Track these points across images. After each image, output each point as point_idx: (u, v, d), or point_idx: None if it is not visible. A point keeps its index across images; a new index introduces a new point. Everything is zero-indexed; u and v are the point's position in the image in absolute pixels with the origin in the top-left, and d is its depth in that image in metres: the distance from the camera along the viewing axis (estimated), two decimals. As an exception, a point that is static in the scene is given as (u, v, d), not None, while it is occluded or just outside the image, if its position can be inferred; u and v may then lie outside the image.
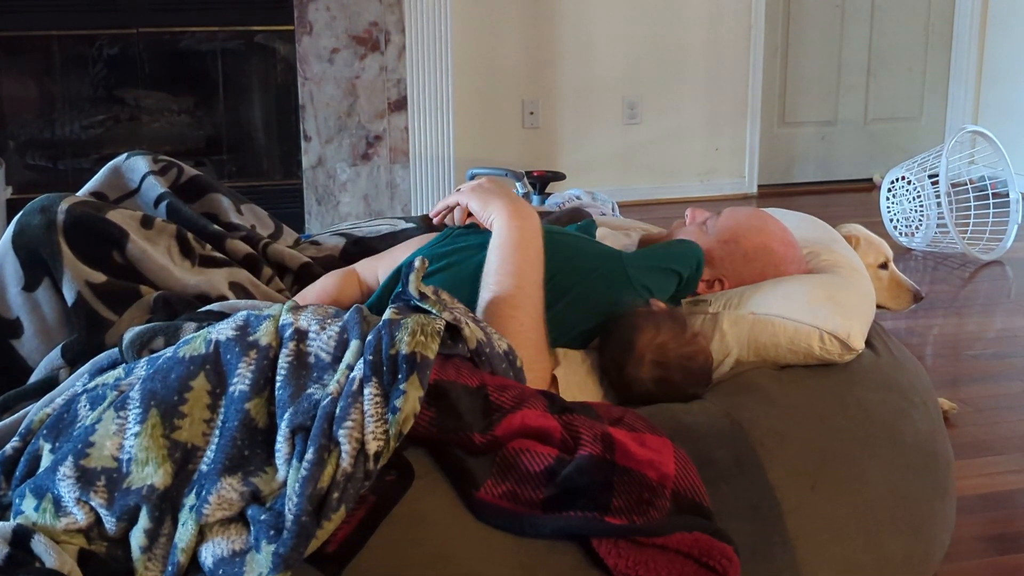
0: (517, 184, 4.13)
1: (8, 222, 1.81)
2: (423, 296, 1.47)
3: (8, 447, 1.42)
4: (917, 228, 4.54)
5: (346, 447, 1.25)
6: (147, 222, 1.87)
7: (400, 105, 4.65)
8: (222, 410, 1.33)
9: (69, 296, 1.70)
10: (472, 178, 4.26)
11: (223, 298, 1.82)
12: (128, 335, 1.56)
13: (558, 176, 4.39)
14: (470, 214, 1.86)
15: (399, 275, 1.65)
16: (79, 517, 1.28)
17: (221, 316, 1.65)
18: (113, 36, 4.39)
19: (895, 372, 1.86)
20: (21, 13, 4.21)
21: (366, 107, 4.55)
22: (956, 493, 1.93)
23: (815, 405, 1.70)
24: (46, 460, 1.36)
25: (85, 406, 1.41)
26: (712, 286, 1.95)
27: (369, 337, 1.35)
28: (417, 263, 1.53)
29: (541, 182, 4.29)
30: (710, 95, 5.48)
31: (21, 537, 1.26)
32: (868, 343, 1.90)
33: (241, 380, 1.34)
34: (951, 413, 2.75)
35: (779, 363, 1.81)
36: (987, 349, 3.36)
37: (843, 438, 1.66)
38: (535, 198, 4.15)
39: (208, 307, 1.71)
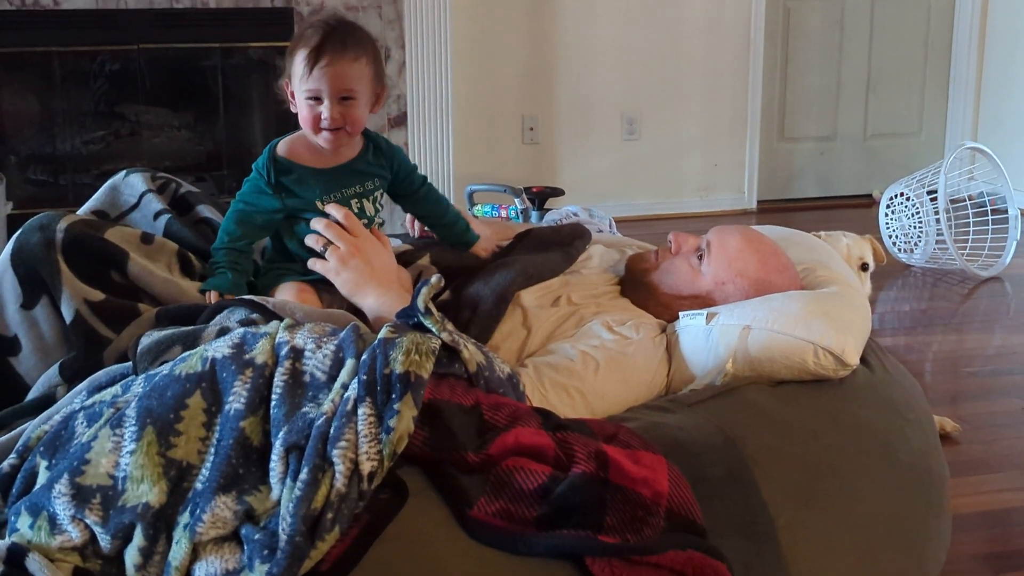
0: (516, 200, 4.14)
1: (9, 236, 1.81)
2: (428, 312, 1.47)
3: (5, 464, 1.42)
4: (916, 244, 4.55)
5: (340, 467, 1.26)
6: (147, 239, 1.88)
7: (400, 121, 4.66)
8: (217, 428, 1.34)
9: (67, 314, 1.71)
10: (471, 195, 4.27)
11: None
12: (144, 342, 1.55)
13: (557, 192, 4.40)
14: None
15: None
16: (74, 535, 1.29)
17: (260, 307, 1.65)
18: (114, 52, 4.41)
19: (890, 389, 1.87)
20: (23, 29, 4.23)
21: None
22: (951, 510, 1.93)
23: (809, 421, 1.70)
24: (42, 477, 1.36)
25: (82, 423, 1.41)
26: (709, 319, 1.95)
27: (364, 356, 1.36)
28: (434, 279, 1.54)
29: (540, 198, 4.30)
30: (709, 111, 5.50)
31: (15, 555, 1.26)
32: (863, 360, 1.91)
33: (236, 398, 1.34)
34: (954, 434, 2.74)
35: (774, 377, 1.81)
36: (986, 366, 3.37)
37: (837, 454, 1.67)
38: (534, 214, 4.16)
39: (251, 296, 1.71)
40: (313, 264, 1.91)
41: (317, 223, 1.90)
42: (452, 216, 2.12)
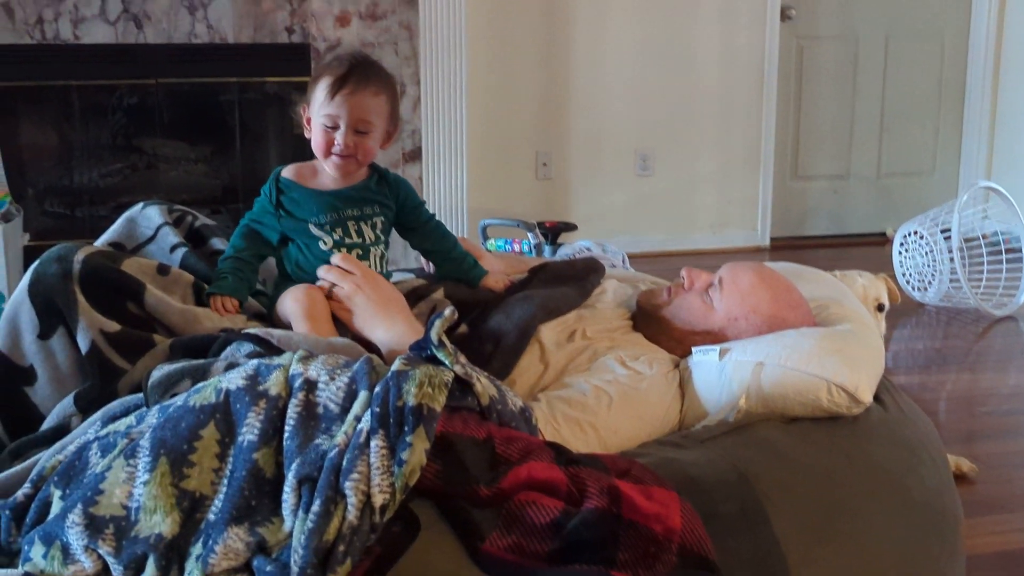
0: (529, 234, 4.15)
1: (25, 268, 1.83)
2: (441, 344, 1.47)
3: (19, 494, 1.43)
4: (930, 283, 4.54)
5: (352, 500, 1.26)
6: (163, 270, 1.90)
7: (415, 155, 4.69)
8: (231, 459, 1.34)
9: (83, 344, 1.72)
10: (485, 230, 4.28)
11: None
12: (155, 375, 1.56)
13: (570, 227, 4.41)
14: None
15: None
16: (87, 565, 1.29)
17: (264, 342, 1.66)
18: (132, 86, 4.45)
19: (903, 428, 1.86)
20: (43, 63, 4.27)
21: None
22: (967, 551, 1.92)
23: (822, 459, 1.70)
24: (56, 507, 1.37)
25: (96, 453, 1.41)
26: (722, 355, 1.95)
27: (377, 388, 1.36)
28: (447, 312, 1.55)
29: (553, 233, 4.31)
30: (722, 148, 5.52)
31: (29, 584, 1.27)
32: (877, 398, 1.90)
33: (250, 430, 1.34)
34: (970, 474, 2.71)
35: (787, 414, 1.81)
36: (1000, 406, 3.35)
37: (850, 492, 1.66)
38: (547, 248, 4.17)
39: (255, 330, 1.72)
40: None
41: (319, 270, 1.96)
42: (460, 252, 2.16)
